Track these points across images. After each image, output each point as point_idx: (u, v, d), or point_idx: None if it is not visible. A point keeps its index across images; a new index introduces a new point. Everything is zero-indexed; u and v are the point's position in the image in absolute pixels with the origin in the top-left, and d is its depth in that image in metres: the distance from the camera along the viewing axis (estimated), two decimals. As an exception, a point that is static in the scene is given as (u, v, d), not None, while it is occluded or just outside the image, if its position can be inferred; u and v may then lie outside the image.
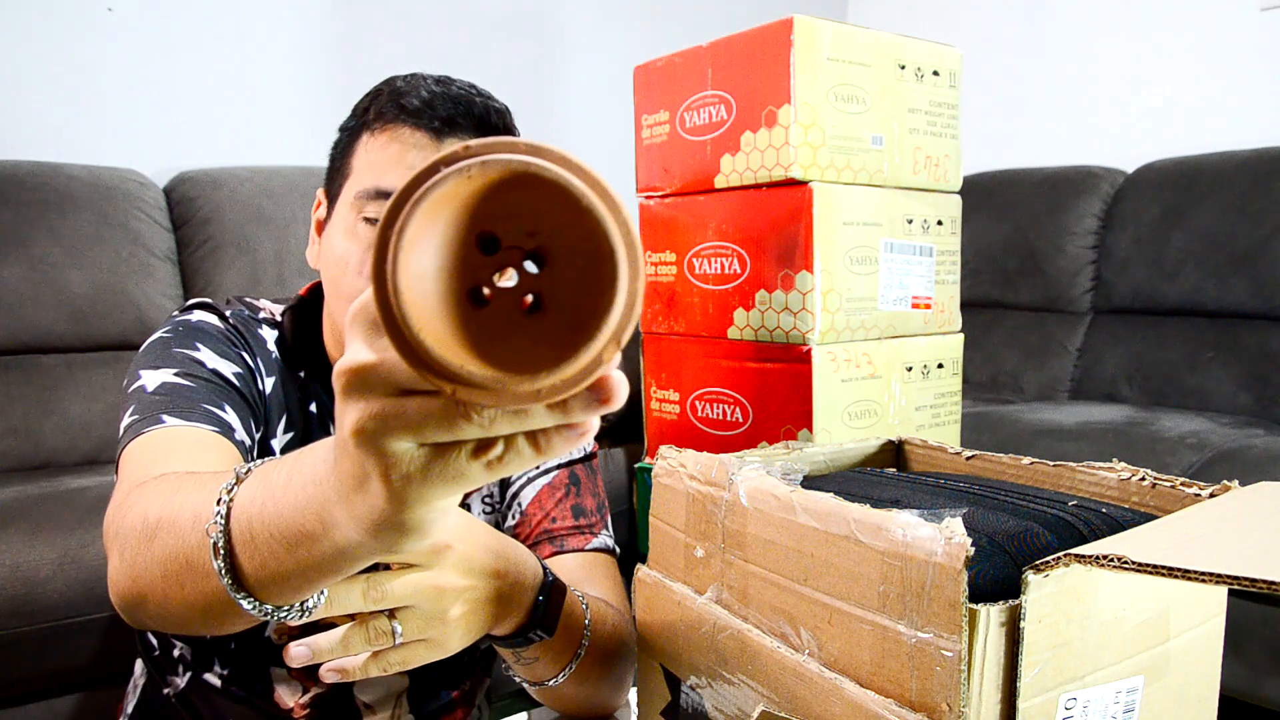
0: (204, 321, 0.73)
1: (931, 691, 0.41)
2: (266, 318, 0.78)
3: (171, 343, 0.70)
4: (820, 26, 1.03)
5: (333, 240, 0.71)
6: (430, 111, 0.68)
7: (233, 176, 1.99)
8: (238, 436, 0.65)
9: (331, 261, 0.71)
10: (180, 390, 0.65)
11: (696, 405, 1.19)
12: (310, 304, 0.80)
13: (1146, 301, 2.24)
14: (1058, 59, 2.69)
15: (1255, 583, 0.33)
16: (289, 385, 0.76)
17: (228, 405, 0.66)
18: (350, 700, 0.81)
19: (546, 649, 0.65)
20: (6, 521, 1.29)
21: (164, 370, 0.66)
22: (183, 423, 0.62)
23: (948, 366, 1.18)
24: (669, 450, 0.63)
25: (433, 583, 0.53)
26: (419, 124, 0.68)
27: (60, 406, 1.72)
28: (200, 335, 0.71)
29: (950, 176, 1.18)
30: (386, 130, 0.69)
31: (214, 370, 0.68)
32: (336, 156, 0.74)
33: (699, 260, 1.17)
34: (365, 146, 0.70)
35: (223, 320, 0.75)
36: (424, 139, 0.68)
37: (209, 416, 0.64)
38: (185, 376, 0.66)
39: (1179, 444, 1.66)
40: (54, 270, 1.74)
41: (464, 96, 0.70)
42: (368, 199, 0.68)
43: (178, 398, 0.64)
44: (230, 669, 0.79)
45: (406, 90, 0.69)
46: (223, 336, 0.72)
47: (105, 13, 2.01)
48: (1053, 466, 0.62)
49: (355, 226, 0.69)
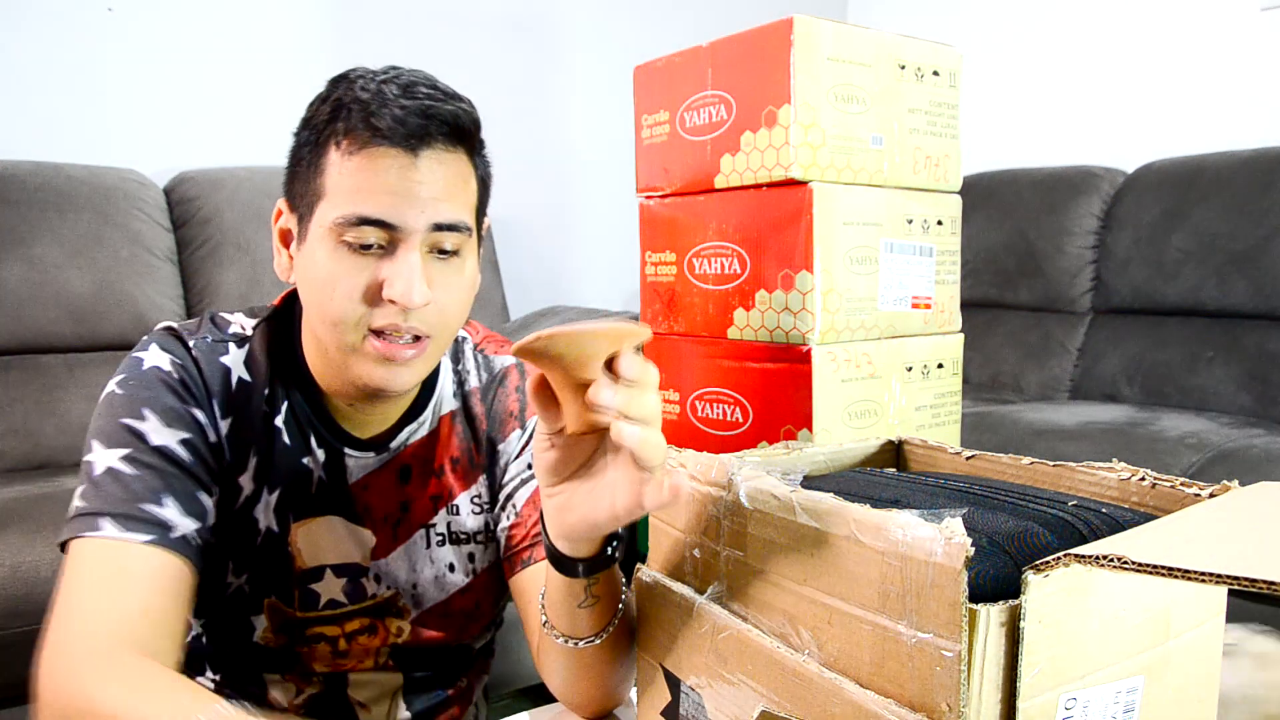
0: (156, 369, 0.72)
1: (931, 692, 0.41)
2: (236, 334, 0.77)
3: (120, 409, 0.70)
4: (820, 26, 1.03)
5: (314, 261, 0.69)
6: (403, 129, 0.67)
7: (233, 176, 1.99)
8: (175, 535, 0.67)
9: (315, 284, 0.70)
10: (123, 482, 0.67)
11: (696, 405, 1.19)
12: (285, 314, 0.80)
13: (1146, 301, 2.24)
14: (1058, 59, 2.69)
15: (1255, 583, 0.33)
16: (247, 417, 0.75)
17: (167, 496, 0.68)
18: (345, 699, 0.81)
19: (606, 590, 0.65)
20: (6, 521, 1.29)
21: (113, 451, 0.68)
22: (119, 534, 0.65)
23: (948, 366, 1.18)
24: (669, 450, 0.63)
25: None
26: (393, 143, 0.67)
27: (60, 406, 1.73)
28: (149, 395, 0.70)
29: (950, 176, 1.18)
30: (360, 152, 0.67)
31: (157, 448, 0.69)
32: (300, 169, 0.72)
33: (699, 260, 1.17)
34: (338, 168, 0.68)
35: (184, 352, 0.74)
36: (401, 157, 0.67)
37: (144, 523, 0.66)
38: (129, 461, 0.68)
39: (1179, 444, 1.67)
40: (54, 270, 1.74)
41: (433, 106, 0.68)
42: (349, 225, 0.67)
43: (119, 494, 0.66)
44: (223, 674, 0.79)
45: (373, 105, 0.67)
46: (173, 390, 0.71)
47: (105, 13, 2.01)
48: (1053, 466, 0.62)
49: (337, 251, 0.68)
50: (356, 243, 0.67)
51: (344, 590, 0.78)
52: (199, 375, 0.73)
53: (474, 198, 0.73)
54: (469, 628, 0.84)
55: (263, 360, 0.77)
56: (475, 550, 0.83)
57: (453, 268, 0.71)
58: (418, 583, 0.81)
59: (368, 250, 0.67)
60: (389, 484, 0.79)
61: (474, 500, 0.83)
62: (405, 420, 0.80)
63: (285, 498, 0.76)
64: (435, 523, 0.81)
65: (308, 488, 0.77)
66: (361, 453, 0.78)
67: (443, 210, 0.68)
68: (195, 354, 0.74)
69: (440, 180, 0.68)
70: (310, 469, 0.77)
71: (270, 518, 0.76)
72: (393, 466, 0.79)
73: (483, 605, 0.84)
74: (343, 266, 0.68)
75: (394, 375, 0.70)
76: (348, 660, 0.80)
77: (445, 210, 0.68)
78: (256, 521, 0.75)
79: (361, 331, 0.68)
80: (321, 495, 0.77)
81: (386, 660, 0.82)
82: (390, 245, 0.68)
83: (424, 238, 0.68)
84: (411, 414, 0.80)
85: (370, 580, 0.79)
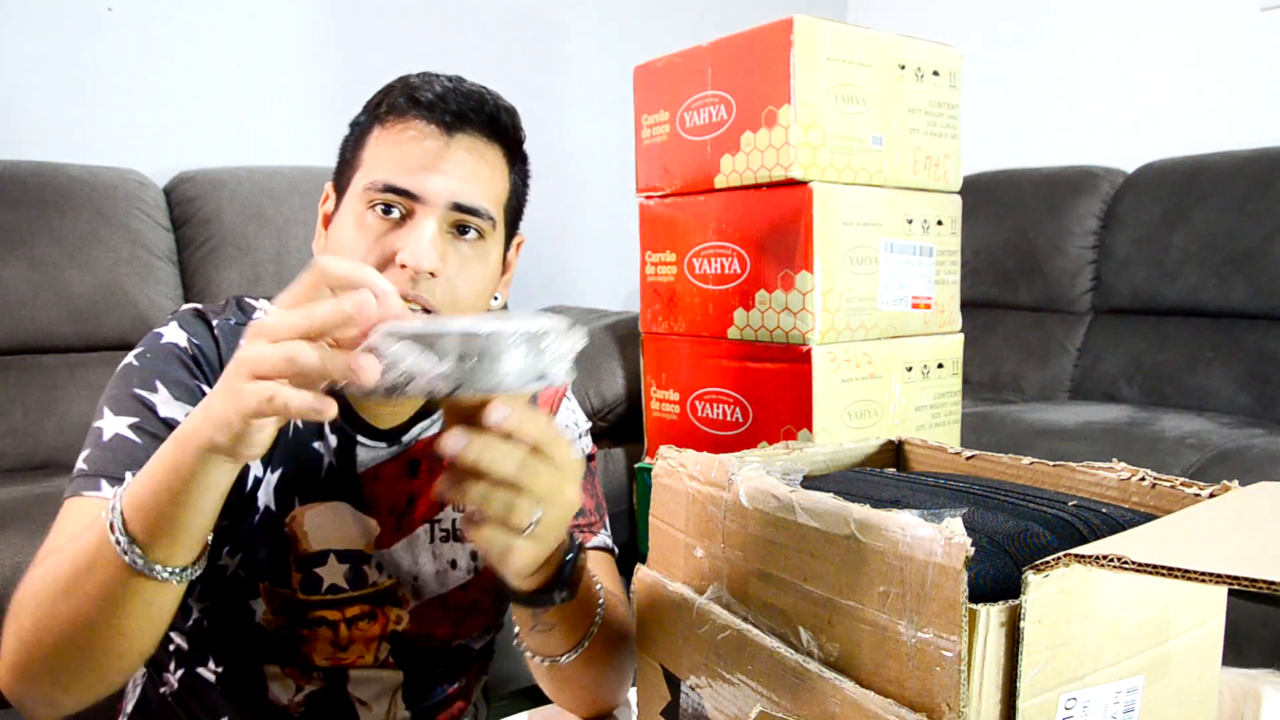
0: (173, 344, 0.74)
1: (931, 691, 0.41)
2: (260, 318, 0.78)
3: (135, 379, 0.71)
4: (820, 26, 1.03)
5: (341, 230, 0.72)
6: (442, 105, 0.70)
7: (233, 176, 1.99)
8: None
9: (340, 251, 0.72)
10: (126, 449, 0.69)
11: (696, 405, 1.19)
12: None
13: (1146, 301, 2.24)
14: (1058, 59, 2.69)
15: (1255, 583, 0.33)
16: None
17: None
18: (345, 696, 0.81)
19: (565, 617, 0.65)
20: (6, 521, 1.29)
21: (122, 418, 0.70)
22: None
23: (948, 366, 1.18)
24: (669, 450, 0.63)
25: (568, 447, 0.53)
26: (431, 117, 0.70)
27: (60, 406, 1.73)
28: (164, 368, 0.72)
29: (950, 176, 1.18)
30: (398, 123, 0.70)
31: (165, 420, 0.70)
32: (347, 150, 0.76)
33: (699, 260, 1.17)
34: (376, 140, 0.72)
35: (205, 330, 0.75)
36: (435, 131, 0.70)
37: None
38: (136, 430, 0.69)
39: (1179, 444, 1.67)
40: (54, 270, 1.74)
41: (476, 94, 0.72)
42: (376, 191, 0.69)
43: (121, 459, 0.68)
44: (224, 666, 0.79)
45: (419, 85, 0.71)
46: (185, 365, 0.73)
47: (105, 13, 2.01)
48: (1053, 466, 0.62)
49: (364, 217, 0.70)
50: (380, 204, 0.69)
51: (346, 575, 0.78)
52: (217, 354, 0.75)
53: (504, 194, 0.75)
54: (467, 623, 0.84)
55: None
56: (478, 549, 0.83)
57: (471, 250, 0.72)
58: (419, 575, 0.81)
59: (388, 217, 0.69)
60: (397, 476, 0.80)
61: None
62: (420, 415, 0.81)
63: (291, 480, 0.76)
64: (441, 518, 0.82)
65: (317, 472, 0.77)
66: (374, 442, 0.79)
67: (465, 191, 0.70)
68: (218, 333, 0.75)
69: (469, 163, 0.71)
70: (321, 454, 0.77)
71: (270, 496, 0.76)
72: (402, 459, 0.80)
73: (481, 603, 0.84)
74: (364, 233, 0.70)
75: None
76: (348, 654, 0.80)
77: (468, 192, 0.70)
78: (256, 500, 0.76)
79: None
80: (331, 480, 0.78)
81: (387, 657, 0.82)
82: (410, 215, 0.70)
83: (444, 214, 0.70)
84: (426, 410, 0.81)
85: (372, 568, 0.79)
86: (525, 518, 0.52)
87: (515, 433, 0.50)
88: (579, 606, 0.66)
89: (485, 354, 0.46)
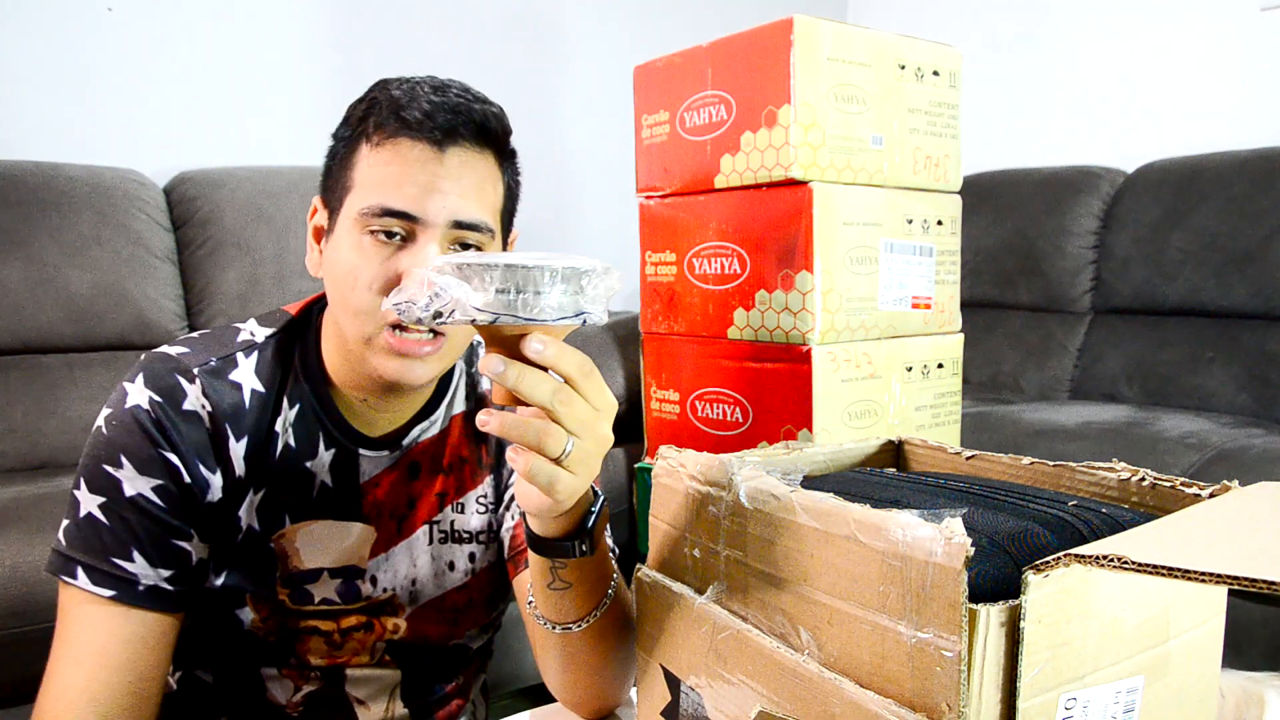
0: (135, 409, 0.71)
1: (931, 691, 0.41)
2: (245, 341, 0.77)
3: (102, 452, 0.71)
4: (820, 26, 1.03)
5: (339, 254, 0.71)
6: (431, 123, 0.68)
7: (233, 176, 1.99)
8: (142, 587, 0.70)
9: (339, 276, 0.71)
10: (97, 531, 0.70)
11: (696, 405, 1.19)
12: (302, 322, 0.80)
13: (1146, 301, 2.24)
14: (1058, 59, 2.69)
15: (1255, 583, 0.33)
16: (262, 428, 0.75)
17: (136, 549, 0.70)
18: (343, 695, 0.81)
19: (581, 577, 0.66)
20: (6, 521, 1.29)
21: (93, 497, 0.70)
22: (90, 587, 0.69)
23: (948, 366, 1.18)
24: (669, 450, 0.63)
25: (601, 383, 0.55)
26: (420, 136, 0.68)
27: (60, 406, 1.72)
28: (125, 439, 0.70)
29: (950, 176, 1.18)
30: (387, 144, 0.69)
31: (131, 499, 0.70)
32: (334, 165, 0.74)
33: (699, 260, 1.17)
34: (366, 160, 0.70)
35: (175, 384, 0.72)
36: (427, 149, 0.69)
37: (112, 579, 0.69)
38: (104, 510, 0.70)
39: (1179, 444, 1.66)
40: (54, 270, 1.74)
41: (462, 105, 0.70)
42: (373, 216, 0.68)
43: (95, 544, 0.69)
44: (220, 670, 0.79)
45: (404, 101, 0.69)
46: (147, 434, 0.71)
47: (105, 13, 2.01)
48: (1053, 466, 0.62)
49: (361, 242, 0.69)
50: (380, 230, 0.69)
51: (338, 590, 0.78)
52: (206, 415, 0.73)
53: (499, 201, 0.74)
54: (463, 623, 0.84)
55: (274, 367, 0.77)
56: (476, 550, 0.83)
57: None
58: (416, 578, 0.81)
59: (390, 241, 0.69)
60: (398, 480, 0.80)
61: (480, 500, 0.83)
62: (418, 419, 0.81)
63: (277, 499, 0.76)
64: (439, 519, 0.82)
65: (308, 492, 0.77)
66: (376, 452, 0.79)
67: (464, 208, 0.69)
68: (203, 384, 0.73)
69: (465, 178, 0.70)
70: (313, 473, 0.77)
71: (253, 516, 0.75)
72: (403, 463, 0.80)
73: (476, 602, 0.85)
74: (365, 257, 0.69)
75: (409, 369, 0.70)
76: (344, 654, 0.80)
77: (467, 208, 0.70)
78: (239, 520, 0.75)
79: (380, 323, 0.69)
80: (324, 498, 0.77)
81: (384, 656, 0.82)
82: (411, 237, 0.69)
83: (444, 233, 0.69)
84: (424, 413, 0.81)
85: (366, 583, 0.79)
86: (558, 446, 0.53)
87: (553, 365, 0.52)
88: (595, 570, 0.66)
89: (527, 287, 0.50)
